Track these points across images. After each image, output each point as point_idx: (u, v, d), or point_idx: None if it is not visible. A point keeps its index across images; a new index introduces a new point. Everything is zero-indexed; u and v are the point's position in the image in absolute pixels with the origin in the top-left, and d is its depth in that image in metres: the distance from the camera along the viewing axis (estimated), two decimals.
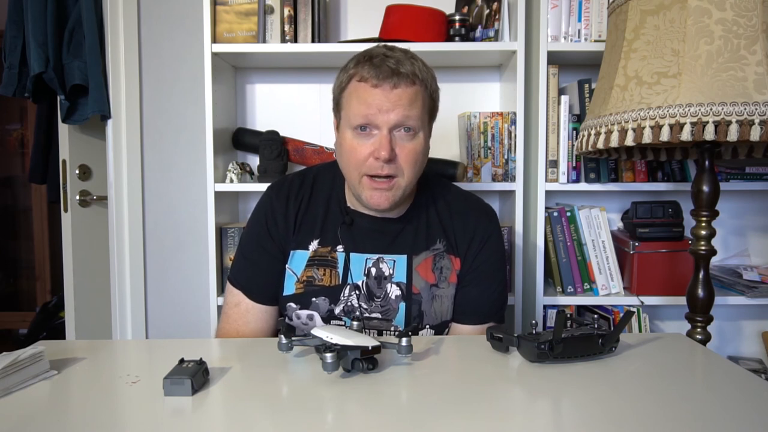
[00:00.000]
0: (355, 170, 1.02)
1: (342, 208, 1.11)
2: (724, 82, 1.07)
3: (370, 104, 0.98)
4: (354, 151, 1.01)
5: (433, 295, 1.09)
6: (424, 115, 1.02)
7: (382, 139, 0.98)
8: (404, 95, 0.98)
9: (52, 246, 3.57)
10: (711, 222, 1.23)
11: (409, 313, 1.08)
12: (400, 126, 0.99)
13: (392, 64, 0.98)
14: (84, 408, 0.71)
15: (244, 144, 1.78)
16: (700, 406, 0.71)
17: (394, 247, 1.09)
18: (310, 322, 1.08)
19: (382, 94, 0.98)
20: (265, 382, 0.80)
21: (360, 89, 1.00)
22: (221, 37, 1.61)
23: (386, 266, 1.08)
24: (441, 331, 1.10)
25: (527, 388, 0.78)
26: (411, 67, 1.00)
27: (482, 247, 1.10)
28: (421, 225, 1.11)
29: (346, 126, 1.03)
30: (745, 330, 1.85)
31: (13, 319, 3.61)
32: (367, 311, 1.08)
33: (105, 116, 1.80)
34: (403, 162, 1.00)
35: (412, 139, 1.01)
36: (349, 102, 1.02)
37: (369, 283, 1.08)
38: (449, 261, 1.10)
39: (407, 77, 0.98)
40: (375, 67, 0.98)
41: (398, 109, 0.98)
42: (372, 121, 0.99)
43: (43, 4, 1.72)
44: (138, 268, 1.89)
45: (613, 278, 1.59)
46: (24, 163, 3.65)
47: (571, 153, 1.58)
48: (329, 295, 1.08)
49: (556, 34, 1.57)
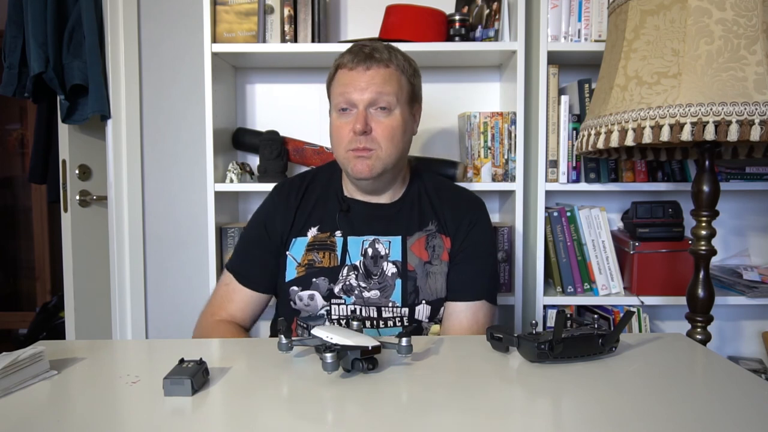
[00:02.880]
0: (342, 147, 1.12)
1: (339, 197, 1.20)
2: (724, 82, 1.07)
3: (347, 85, 1.10)
4: (338, 130, 1.12)
5: (427, 272, 1.16)
6: (401, 95, 1.12)
7: (358, 114, 1.09)
8: (377, 75, 1.09)
9: (52, 246, 3.57)
10: (711, 222, 1.23)
11: (405, 288, 1.15)
12: (374, 103, 1.10)
13: (368, 50, 1.11)
14: (84, 408, 0.71)
15: (244, 144, 1.78)
16: (700, 406, 0.71)
17: (389, 229, 1.18)
18: (312, 302, 1.15)
19: (356, 75, 1.10)
20: (265, 382, 0.80)
21: (340, 75, 1.13)
22: (221, 37, 1.61)
23: (382, 246, 1.16)
24: (437, 309, 1.17)
25: (527, 388, 0.78)
26: (387, 54, 1.12)
27: (471, 229, 1.19)
28: (414, 209, 1.20)
29: (333, 110, 1.15)
30: (745, 330, 1.85)
31: (13, 319, 3.61)
32: (365, 289, 1.14)
33: (105, 116, 1.80)
34: (379, 137, 1.10)
35: (387, 115, 1.11)
36: (334, 90, 1.15)
37: (366, 263, 1.16)
38: (441, 240, 1.18)
39: (380, 60, 1.10)
40: (352, 53, 1.12)
41: (371, 88, 1.09)
42: (349, 100, 1.10)
43: (43, 4, 1.72)
44: (138, 268, 1.89)
45: (613, 278, 1.59)
46: (24, 163, 3.65)
47: (571, 153, 1.58)
48: (329, 276, 1.15)
49: (556, 34, 1.57)
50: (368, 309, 1.15)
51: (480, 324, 1.15)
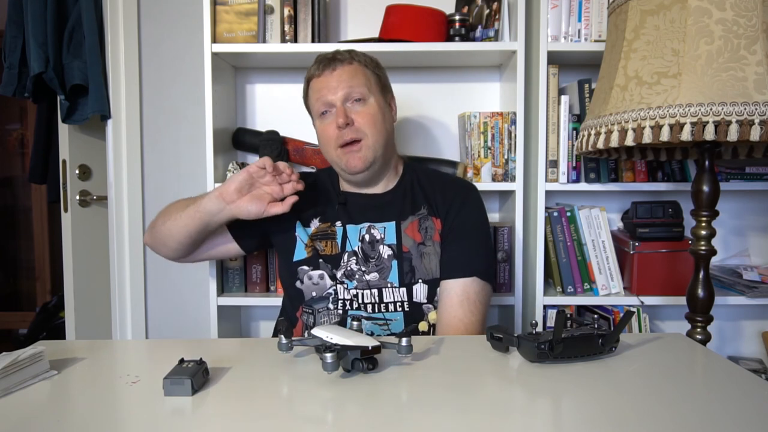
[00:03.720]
0: (331, 148, 1.20)
1: (337, 192, 1.29)
2: (724, 82, 1.07)
3: (320, 90, 1.20)
4: (325, 132, 1.21)
5: (421, 253, 1.22)
6: (370, 85, 1.21)
7: (337, 111, 1.18)
8: (344, 73, 1.19)
9: (52, 246, 3.57)
10: (711, 222, 1.23)
11: (401, 269, 1.20)
12: (348, 97, 1.19)
13: (329, 55, 1.22)
14: (84, 408, 0.72)
15: (244, 144, 1.78)
16: (700, 406, 0.71)
17: (383, 216, 1.24)
18: (321, 281, 1.22)
19: (325, 78, 1.20)
20: (265, 382, 0.80)
21: (313, 84, 1.23)
22: (221, 37, 1.61)
23: (378, 232, 1.23)
24: (434, 289, 1.21)
25: (527, 388, 0.78)
26: (348, 54, 1.22)
27: (461, 210, 1.24)
28: (407, 196, 1.27)
29: (315, 119, 1.25)
30: (745, 330, 1.85)
31: (13, 319, 3.61)
32: (365, 273, 1.21)
33: (105, 116, 1.80)
34: (362, 125, 1.18)
35: (363, 105, 1.20)
36: (310, 100, 1.25)
37: (364, 248, 1.23)
38: (432, 222, 1.24)
39: (343, 60, 1.21)
40: (317, 62, 1.23)
41: (341, 84, 1.18)
42: (326, 102, 1.19)
43: (43, 5, 1.72)
44: (138, 268, 1.89)
45: (613, 278, 1.59)
46: (24, 163, 3.65)
47: (571, 153, 1.58)
48: (331, 262, 1.23)
49: (556, 34, 1.57)
50: (370, 293, 1.19)
51: (471, 301, 1.17)
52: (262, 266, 1.67)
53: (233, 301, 1.65)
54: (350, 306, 1.19)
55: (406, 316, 1.18)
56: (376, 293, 1.19)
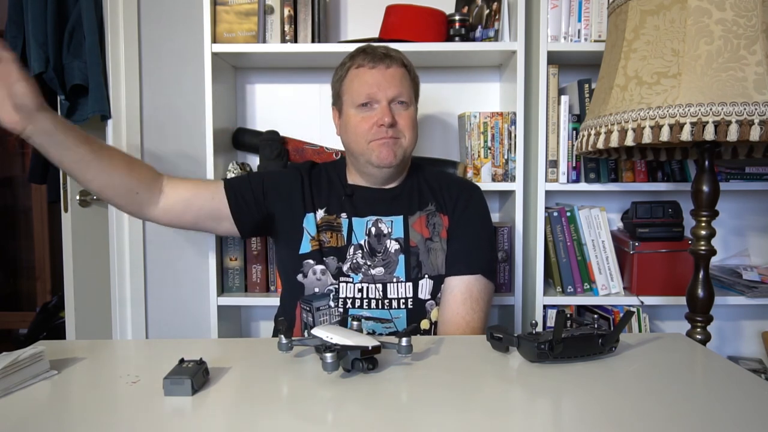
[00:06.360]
0: (363, 140, 1.20)
1: (344, 185, 1.28)
2: (724, 82, 1.07)
3: (371, 83, 1.19)
4: (359, 124, 1.20)
5: (428, 248, 1.22)
6: (411, 93, 1.24)
7: (383, 109, 1.18)
8: (396, 74, 1.20)
9: (52, 246, 3.56)
10: (711, 222, 1.23)
11: (408, 263, 1.21)
12: (396, 99, 1.19)
13: (383, 50, 1.22)
14: (84, 408, 0.72)
15: (244, 144, 1.78)
16: (700, 406, 0.71)
17: (391, 210, 1.25)
18: (323, 276, 1.22)
19: (378, 73, 1.19)
20: (265, 382, 0.80)
21: (360, 73, 1.21)
22: (221, 37, 1.61)
23: (384, 225, 1.23)
24: (438, 285, 1.22)
25: (527, 388, 0.78)
26: (397, 54, 1.23)
27: (466, 207, 1.26)
28: (414, 192, 1.28)
29: (350, 107, 1.22)
30: (745, 330, 1.85)
31: (13, 319, 3.61)
32: (371, 267, 1.20)
33: (105, 116, 1.80)
34: (403, 127, 1.20)
35: (406, 109, 1.22)
36: (350, 87, 1.22)
37: (370, 241, 1.22)
38: (440, 218, 1.26)
39: (397, 60, 1.22)
40: (369, 54, 1.21)
41: (393, 84, 1.19)
42: (373, 97, 1.19)
43: (43, 4, 1.72)
44: (138, 268, 1.88)
45: (613, 278, 1.59)
46: (24, 163, 3.64)
47: (571, 153, 1.58)
48: (337, 255, 1.22)
49: (556, 34, 1.57)
50: (375, 288, 1.19)
51: (474, 298, 1.18)
52: (262, 266, 1.67)
53: (233, 301, 1.65)
54: (351, 304, 1.19)
55: (410, 313, 1.18)
56: (381, 288, 1.19)
